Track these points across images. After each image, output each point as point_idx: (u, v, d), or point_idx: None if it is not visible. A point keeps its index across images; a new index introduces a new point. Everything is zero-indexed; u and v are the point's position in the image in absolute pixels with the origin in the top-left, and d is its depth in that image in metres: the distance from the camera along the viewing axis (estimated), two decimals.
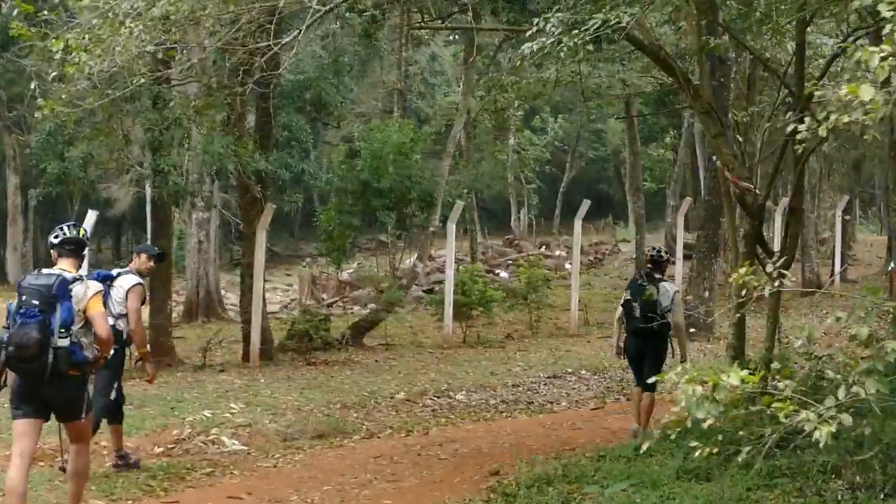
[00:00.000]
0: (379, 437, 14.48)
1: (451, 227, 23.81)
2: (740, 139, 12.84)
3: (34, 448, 8.67)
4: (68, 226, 8.84)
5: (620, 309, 13.27)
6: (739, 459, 6.84)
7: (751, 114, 22.31)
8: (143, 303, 11.47)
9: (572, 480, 10.07)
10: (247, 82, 15.73)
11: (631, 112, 39.74)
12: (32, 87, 12.69)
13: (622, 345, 13.39)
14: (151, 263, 11.84)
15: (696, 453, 6.87)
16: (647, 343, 12.86)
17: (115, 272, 11.28)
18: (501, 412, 16.61)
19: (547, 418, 15.89)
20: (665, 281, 13.10)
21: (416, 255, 27.65)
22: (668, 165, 62.42)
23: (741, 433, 7.46)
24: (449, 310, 24.05)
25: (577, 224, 26.11)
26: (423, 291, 33.23)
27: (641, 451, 10.00)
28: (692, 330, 22.72)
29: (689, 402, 5.90)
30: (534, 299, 26.60)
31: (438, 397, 17.62)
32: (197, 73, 18.04)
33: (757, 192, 11.04)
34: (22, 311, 8.22)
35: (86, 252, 9.11)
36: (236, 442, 13.33)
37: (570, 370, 19.90)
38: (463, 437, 14.04)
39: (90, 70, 11.84)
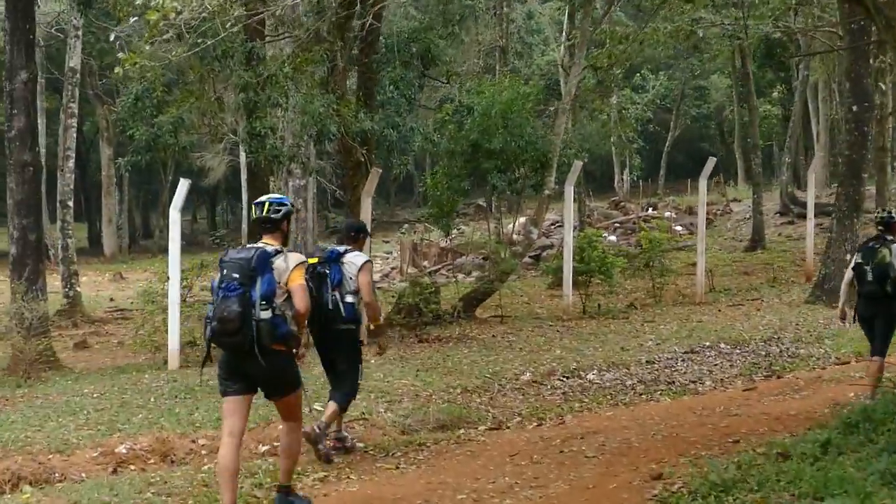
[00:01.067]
0: (509, 428, 12.91)
1: (569, 190, 21.97)
2: None
3: (244, 425, 8.64)
4: (257, 204, 8.87)
5: (850, 273, 13.07)
6: None
7: None
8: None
9: (755, 488, 8.34)
10: (347, 35, 14.11)
11: (746, 65, 37.56)
12: (119, 55, 11.31)
13: (847, 309, 13.32)
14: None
15: None
16: (879, 307, 12.64)
17: (342, 249, 11.09)
18: (640, 394, 14.89)
19: (694, 402, 14.09)
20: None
21: (520, 220, 25.97)
22: (775, 121, 60.32)
23: None
24: (569, 278, 22.28)
25: (703, 183, 24.18)
26: (531, 257, 31.59)
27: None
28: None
29: None
30: (656, 265, 24.71)
31: (568, 377, 15.92)
32: (289, 24, 16.47)
33: None
34: (223, 285, 8.26)
35: (287, 225, 8.97)
36: (352, 437, 11.73)
37: (707, 344, 18.02)
38: (606, 427, 12.30)
39: (175, 17, 10.29)
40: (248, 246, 8.63)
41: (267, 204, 8.78)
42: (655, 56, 54.76)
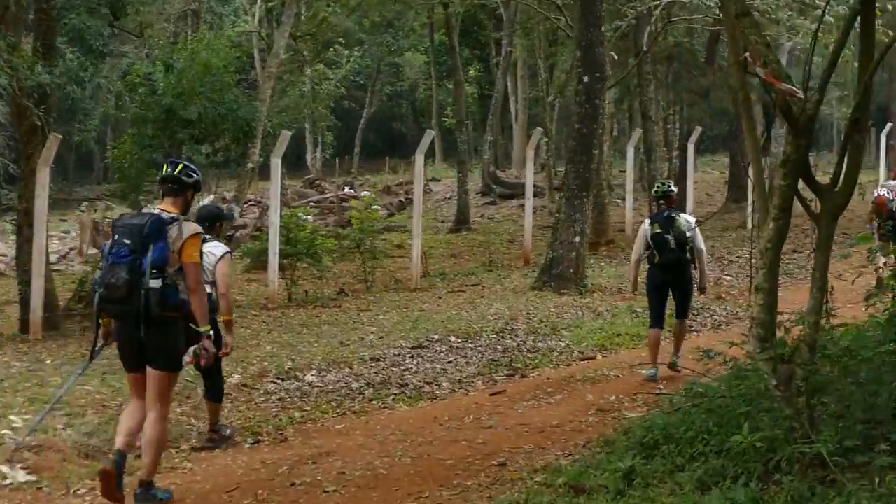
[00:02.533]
0: (219, 449, 10.55)
1: (277, 163, 19.32)
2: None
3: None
4: (170, 162, 8.72)
5: (642, 245, 13.39)
6: None
7: None
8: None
9: None
10: None
11: (452, 38, 36.09)
12: None
13: (636, 281, 13.80)
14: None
15: None
16: (677, 274, 13.21)
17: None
18: (371, 400, 12.73)
19: (436, 409, 12.10)
20: (683, 213, 13.67)
21: (209, 198, 23.54)
22: (471, 100, 59.58)
23: None
24: (275, 261, 19.84)
25: (419, 159, 22.13)
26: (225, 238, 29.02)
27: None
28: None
29: None
30: (367, 247, 22.58)
31: (283, 379, 13.60)
32: None
33: (803, 97, 7.38)
34: (114, 250, 8.07)
35: (191, 195, 8.69)
36: (19, 471, 9.17)
37: (435, 337, 15.93)
38: (340, 447, 10.16)
39: None
40: (144, 212, 8.53)
41: (181, 166, 8.59)
42: (350, 31, 53.24)
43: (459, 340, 15.85)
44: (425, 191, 44.06)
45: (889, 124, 36.59)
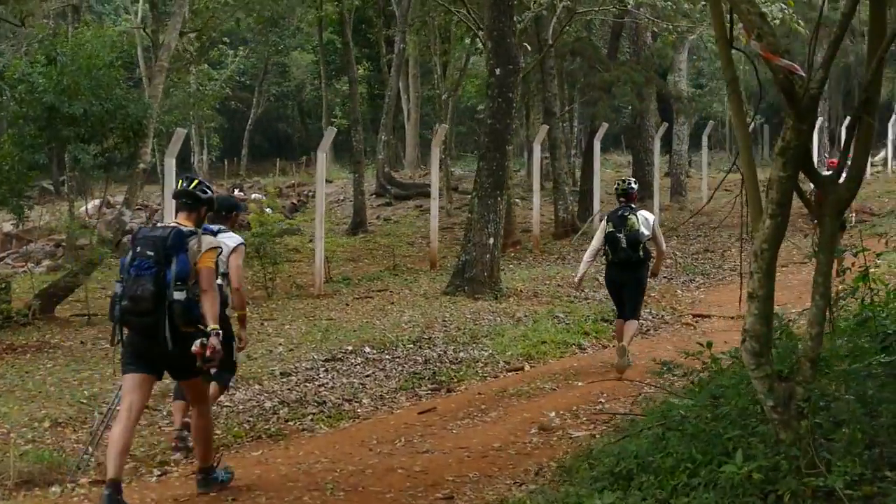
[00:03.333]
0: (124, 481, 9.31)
1: (171, 163, 17.83)
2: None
3: (143, 404, 8.49)
4: (184, 178, 8.76)
5: (598, 243, 13.62)
6: None
7: None
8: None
9: None
10: None
11: (346, 34, 34.95)
12: None
13: (583, 277, 14.15)
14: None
15: None
16: (630, 273, 13.37)
17: (215, 228, 9.81)
18: (288, 421, 11.59)
19: (361, 431, 10.99)
20: (642, 210, 13.71)
21: (94, 202, 22.12)
22: (361, 100, 58.43)
23: None
24: None
25: (321, 157, 20.87)
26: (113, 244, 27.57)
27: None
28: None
29: None
30: (269, 252, 21.26)
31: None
32: None
33: (805, 75, 6.42)
34: (136, 262, 8.04)
35: (204, 212, 8.72)
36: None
37: (349, 348, 14.68)
38: (262, 481, 8.99)
39: None
40: (162, 224, 8.76)
41: (196, 181, 8.64)
42: (236, 30, 51.91)
43: (375, 352, 14.69)
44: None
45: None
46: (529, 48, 21.20)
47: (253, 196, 42.58)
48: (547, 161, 31.77)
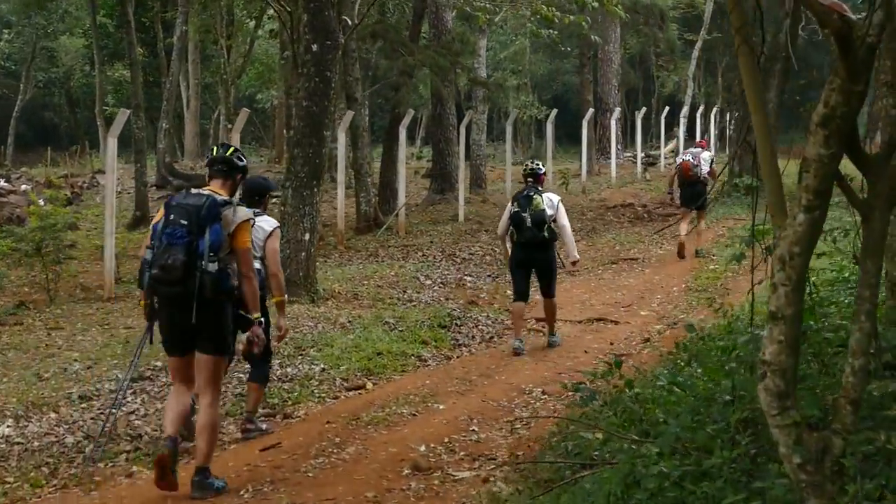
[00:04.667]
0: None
1: None
2: None
3: (192, 378, 8.20)
4: (219, 145, 8.66)
5: (507, 223, 13.80)
6: None
7: None
8: None
9: None
10: None
11: (127, 12, 32.37)
12: None
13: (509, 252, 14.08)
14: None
15: None
16: (539, 253, 13.66)
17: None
18: (108, 464, 9.45)
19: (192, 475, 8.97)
20: (547, 192, 14.01)
21: None
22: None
23: None
24: None
25: (112, 142, 18.65)
26: None
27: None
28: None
29: None
30: (51, 250, 18.68)
31: None
32: None
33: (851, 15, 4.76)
34: (169, 230, 7.86)
35: (240, 179, 8.60)
36: None
37: (158, 364, 12.30)
38: None
39: None
40: (197, 192, 8.18)
41: (232, 149, 8.47)
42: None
43: None
44: (93, 184, 40.30)
45: None
46: (350, 22, 19.11)
47: (22, 188, 39.42)
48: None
